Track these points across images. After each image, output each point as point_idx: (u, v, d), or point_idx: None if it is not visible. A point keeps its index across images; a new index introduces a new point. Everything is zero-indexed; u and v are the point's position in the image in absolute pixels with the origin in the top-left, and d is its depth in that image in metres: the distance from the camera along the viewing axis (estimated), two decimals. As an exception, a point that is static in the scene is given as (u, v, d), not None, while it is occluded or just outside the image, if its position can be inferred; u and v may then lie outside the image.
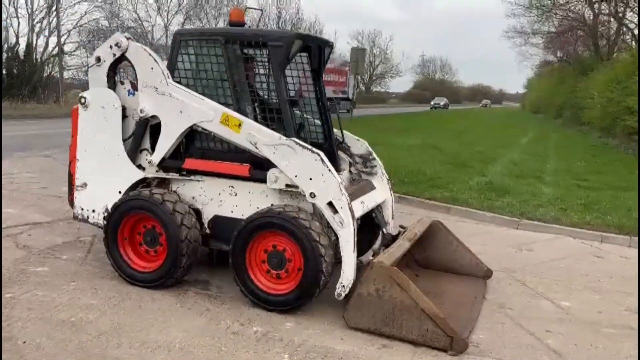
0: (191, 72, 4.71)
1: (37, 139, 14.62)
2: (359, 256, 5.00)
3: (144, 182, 4.84)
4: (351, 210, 4.18)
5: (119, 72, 5.16)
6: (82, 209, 5.05)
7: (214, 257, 5.17)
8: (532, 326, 4.35)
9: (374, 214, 5.09)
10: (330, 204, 4.19)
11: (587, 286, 5.37)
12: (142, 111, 4.69)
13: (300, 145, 4.26)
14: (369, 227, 5.19)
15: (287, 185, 4.32)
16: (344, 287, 4.18)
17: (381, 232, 5.07)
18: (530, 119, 44.84)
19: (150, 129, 4.79)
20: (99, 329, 3.85)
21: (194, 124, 4.53)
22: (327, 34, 55.94)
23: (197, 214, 4.69)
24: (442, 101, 71.57)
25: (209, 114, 4.47)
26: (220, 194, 4.64)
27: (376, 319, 3.97)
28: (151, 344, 3.69)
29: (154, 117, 4.70)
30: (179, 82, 4.68)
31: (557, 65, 47.17)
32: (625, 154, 18.31)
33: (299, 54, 4.98)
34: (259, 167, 4.46)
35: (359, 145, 5.45)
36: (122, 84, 4.88)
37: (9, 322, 3.88)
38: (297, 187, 4.30)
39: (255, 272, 4.36)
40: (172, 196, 4.60)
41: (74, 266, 5.08)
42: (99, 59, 4.88)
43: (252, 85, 4.68)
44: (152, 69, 4.69)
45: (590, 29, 34.42)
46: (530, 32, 39.29)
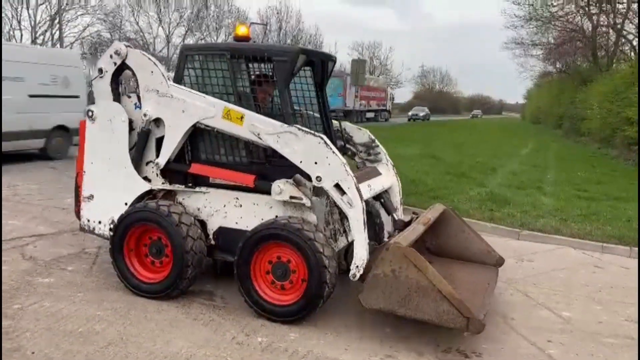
0: (197, 85, 4.79)
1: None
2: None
3: (150, 194, 4.91)
4: (358, 190, 4.23)
5: (122, 83, 5.25)
6: (88, 221, 5.12)
7: (218, 268, 5.22)
8: (534, 336, 4.39)
9: (382, 200, 5.14)
10: (337, 186, 4.24)
11: (587, 296, 5.42)
12: (145, 115, 4.77)
13: (302, 130, 4.33)
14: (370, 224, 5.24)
15: (291, 196, 4.39)
16: (357, 267, 4.22)
17: (392, 217, 5.11)
18: (530, 130, 44.95)
19: (159, 145, 4.86)
20: (106, 340, 3.91)
21: (197, 122, 4.60)
22: (328, 45, 56.28)
23: (203, 225, 4.76)
24: (421, 112, 60.95)
25: (210, 110, 4.55)
26: (225, 206, 4.71)
27: (392, 300, 3.98)
28: (158, 354, 3.74)
29: (157, 122, 4.78)
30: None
31: (556, 76, 47.39)
32: (625, 164, 18.38)
33: (303, 68, 5.08)
34: (263, 179, 4.53)
35: (360, 134, 5.52)
36: (129, 97, 4.97)
37: (17, 333, 3.94)
38: (301, 198, 4.37)
39: (259, 283, 4.41)
40: (177, 208, 4.67)
41: (80, 277, 5.13)
42: (101, 70, 4.98)
43: (257, 98, 4.75)
44: (152, 72, 4.79)
45: (589, 40, 34.62)
46: (529, 43, 39.52)
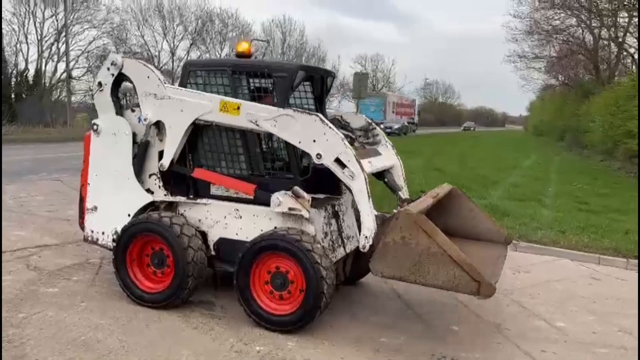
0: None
1: (46, 163, 14.89)
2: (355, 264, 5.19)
3: (152, 206, 5.03)
4: (358, 161, 4.30)
5: (124, 97, 5.39)
6: (92, 232, 5.23)
7: (218, 278, 5.32)
8: (528, 346, 4.46)
9: (386, 179, 5.19)
10: (337, 161, 4.32)
11: (583, 307, 5.49)
12: (145, 119, 4.89)
13: (297, 111, 4.46)
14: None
15: (290, 208, 4.49)
16: (366, 237, 4.26)
17: (397, 195, 5.18)
18: (533, 142, 45.02)
19: (160, 157, 4.98)
20: (108, 348, 4.00)
21: (196, 118, 4.71)
22: (331, 58, 56.69)
23: (203, 236, 4.86)
24: (396, 124, 47.78)
25: (207, 105, 4.66)
26: (225, 217, 4.81)
27: (402, 267, 4.01)
28: (158, 362, 3.84)
29: (160, 134, 4.90)
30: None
31: (559, 88, 47.53)
32: (627, 176, 18.43)
33: (303, 83, 5.22)
34: (263, 189, 4.64)
35: (357, 118, 5.60)
36: (133, 111, 5.10)
37: (22, 340, 4.04)
38: (299, 210, 4.47)
39: (258, 293, 4.50)
40: (179, 219, 4.78)
41: (83, 287, 5.24)
42: (100, 84, 5.12)
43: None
44: (148, 77, 4.93)
45: (590, 54, 34.80)
46: (531, 56, 39.71)
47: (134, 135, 5.03)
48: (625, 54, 33.50)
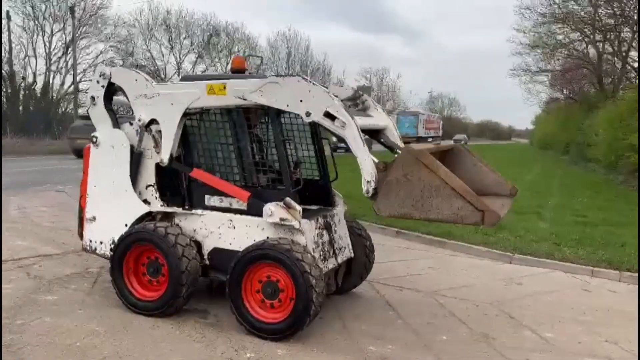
0: (196, 114, 5.07)
1: (51, 174, 15.11)
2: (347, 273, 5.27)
3: (149, 216, 5.17)
4: (347, 110, 4.38)
5: (120, 110, 5.56)
6: (90, 241, 5.38)
7: (213, 287, 5.44)
8: (513, 355, 4.54)
9: (382, 139, 5.21)
10: (326, 115, 4.40)
11: (571, 318, 5.56)
12: (139, 120, 5.05)
13: (280, 76, 4.58)
14: None
15: (282, 218, 4.63)
16: (368, 182, 4.28)
17: (396, 153, 5.10)
18: (537, 156, 45.00)
19: (157, 168, 5.13)
20: (103, 354, 4.13)
21: (187, 108, 4.86)
22: (336, 72, 57.01)
23: (198, 246, 4.99)
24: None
25: (195, 92, 4.83)
26: (219, 227, 4.94)
27: (405, 204, 4.03)
28: (150, 367, 3.95)
29: (152, 122, 5.04)
30: (185, 123, 5.05)
31: (563, 102, 47.62)
32: (629, 190, 18.43)
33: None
34: (257, 198, 4.77)
35: (343, 90, 5.60)
36: (131, 124, 5.26)
37: (20, 346, 4.17)
38: (291, 220, 4.60)
39: (250, 301, 4.62)
40: (174, 229, 4.92)
41: (82, 295, 5.37)
42: (93, 98, 5.32)
43: (251, 126, 5.03)
44: (136, 80, 5.11)
45: (594, 67, 34.90)
46: (535, 70, 39.87)
47: (132, 147, 5.18)
48: (629, 68, 33.59)
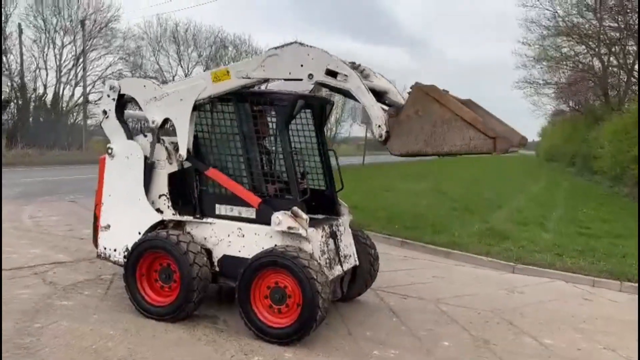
0: (207, 126, 5.28)
1: (61, 185, 15.36)
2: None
3: (161, 224, 5.36)
4: (346, 63, 4.51)
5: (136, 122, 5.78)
6: (104, 248, 5.57)
7: (222, 294, 5.61)
8: (513, 360, 4.70)
9: (386, 100, 5.20)
10: (328, 72, 4.53)
11: (571, 326, 5.70)
12: (153, 122, 5.26)
13: (277, 47, 4.74)
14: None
15: (289, 227, 4.81)
16: (379, 126, 4.35)
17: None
18: (543, 167, 45.06)
19: (169, 178, 5.33)
20: (117, 356, 4.30)
21: (196, 100, 5.06)
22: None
23: (208, 253, 5.17)
24: None
25: (201, 83, 5.05)
26: (229, 235, 5.13)
27: (419, 140, 4.09)
28: (163, 369, 4.13)
29: (165, 122, 5.24)
30: (196, 136, 5.26)
31: (569, 114, 47.70)
32: (634, 202, 18.48)
33: (303, 111, 5.59)
34: (268, 205, 4.94)
35: None
36: (145, 136, 5.47)
37: (38, 348, 4.35)
38: (298, 229, 4.78)
39: (258, 307, 4.79)
40: (186, 237, 5.10)
41: (95, 301, 5.56)
42: (105, 111, 5.53)
43: (260, 138, 5.23)
44: (144, 86, 5.36)
45: (599, 80, 35.02)
46: (541, 82, 40.01)
47: (146, 158, 5.39)
48: (634, 80, 33.69)
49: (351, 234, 5.74)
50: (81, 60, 32.72)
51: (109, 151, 5.50)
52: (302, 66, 4.62)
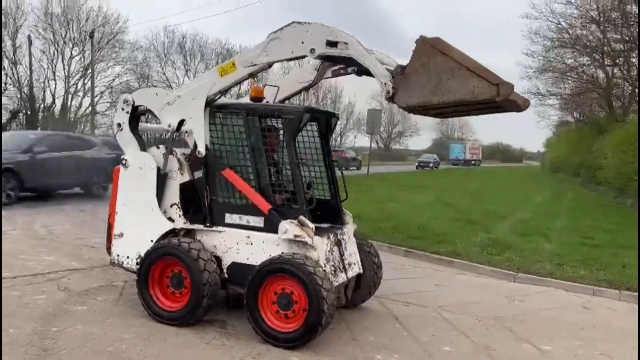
0: (217, 139, 5.50)
1: (71, 194, 15.61)
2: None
3: (173, 233, 5.57)
4: (343, 32, 4.69)
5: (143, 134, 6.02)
6: (118, 256, 5.78)
7: (230, 300, 5.81)
8: (512, 365, 4.86)
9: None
10: (328, 44, 4.72)
11: (570, 333, 5.86)
12: (169, 125, 5.48)
13: (277, 31, 4.96)
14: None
15: (296, 235, 5.01)
16: (385, 84, 4.52)
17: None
18: (548, 178, 45.13)
19: (182, 190, 5.54)
20: (131, 357, 4.50)
21: (207, 97, 5.29)
22: (347, 94, 57.78)
23: (218, 260, 5.37)
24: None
25: (210, 80, 5.31)
26: (238, 243, 5.33)
27: (424, 92, 4.23)
28: (175, 370, 4.32)
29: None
30: (206, 146, 5.48)
31: (574, 125, 47.81)
32: (637, 213, 18.57)
33: (310, 123, 5.81)
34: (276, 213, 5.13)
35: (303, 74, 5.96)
36: (158, 148, 5.71)
37: (56, 350, 4.56)
38: (304, 237, 4.98)
39: (266, 312, 4.98)
40: (196, 245, 5.31)
41: (109, 306, 5.76)
42: (119, 124, 5.77)
43: (268, 150, 5.44)
44: (156, 94, 5.64)
45: (604, 91, 35.18)
46: (545, 93, 40.15)
47: (158, 169, 5.61)
48: (637, 91, 33.79)
49: (355, 243, 5.93)
50: (89, 71, 33.17)
51: (123, 162, 5.73)
52: (302, 43, 4.84)
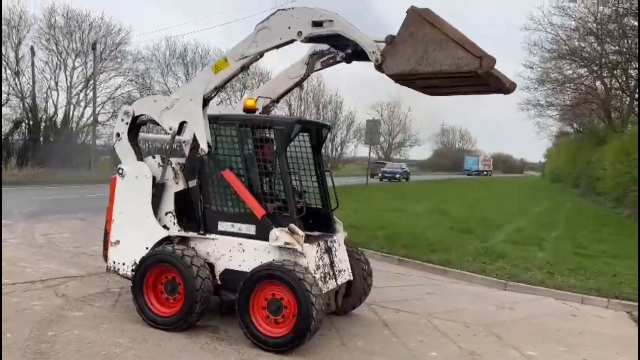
0: (212, 149, 5.65)
1: (71, 203, 15.81)
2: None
3: (167, 240, 5.72)
4: (326, 11, 4.87)
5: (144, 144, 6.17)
6: (114, 262, 5.93)
7: (223, 307, 5.94)
8: (496, 370, 4.98)
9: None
10: (314, 24, 4.90)
11: (555, 340, 5.97)
12: (170, 129, 5.62)
13: (263, 21, 5.14)
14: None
15: (286, 243, 5.16)
16: (373, 53, 4.68)
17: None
18: (548, 188, 45.22)
19: (177, 198, 5.69)
20: (125, 361, 4.64)
21: (204, 95, 5.44)
22: (347, 104, 58.03)
23: (211, 267, 5.51)
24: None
25: (204, 79, 5.49)
26: (230, 250, 5.47)
27: (411, 61, 4.39)
28: (167, 373, 4.45)
29: (182, 126, 5.59)
30: (200, 157, 5.64)
31: (573, 136, 47.97)
32: (634, 223, 18.64)
33: (302, 134, 5.98)
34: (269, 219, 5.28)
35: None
36: (154, 157, 5.87)
37: (52, 353, 4.70)
38: (294, 244, 5.13)
39: (257, 317, 5.12)
40: (190, 252, 5.45)
41: (105, 312, 5.90)
42: (118, 134, 5.94)
43: (260, 159, 5.60)
44: (155, 101, 5.83)
45: (602, 102, 35.36)
46: (544, 104, 40.33)
47: (154, 178, 5.77)
48: (636, 103, 33.97)
49: (346, 250, 6.07)
50: (91, 82, 33.42)
51: (120, 171, 5.89)
52: (289, 28, 5.03)
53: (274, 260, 5.22)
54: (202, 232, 5.62)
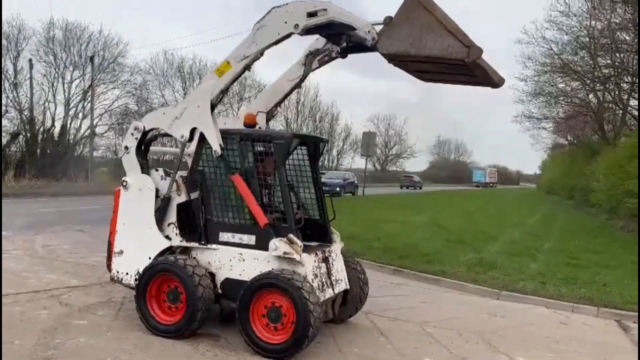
0: (212, 162, 5.87)
1: (69, 215, 15.95)
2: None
3: (170, 250, 5.90)
4: (321, 2, 5.05)
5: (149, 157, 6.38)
6: (117, 272, 6.10)
7: (223, 315, 6.12)
8: (487, 375, 5.17)
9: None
10: (309, 15, 5.09)
11: (545, 346, 6.17)
12: (182, 137, 5.79)
13: (260, 20, 5.33)
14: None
15: (285, 252, 5.35)
16: (368, 32, 4.91)
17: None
18: (542, 200, 45.56)
19: (179, 210, 5.88)
20: (130, 367, 4.81)
21: (211, 100, 5.64)
22: (344, 116, 58.49)
23: (212, 276, 5.69)
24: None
25: (209, 85, 5.68)
26: (231, 260, 5.66)
27: (404, 43, 4.61)
28: (170, 378, 4.62)
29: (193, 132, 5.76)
30: (202, 170, 5.85)
31: (567, 148, 48.40)
32: (628, 235, 18.87)
33: (299, 147, 6.20)
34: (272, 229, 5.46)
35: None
36: (157, 170, 6.07)
37: (59, 359, 4.86)
38: (292, 254, 5.32)
39: (257, 325, 5.29)
40: (192, 261, 5.64)
41: (108, 320, 6.07)
42: (126, 147, 6.13)
43: (259, 172, 5.80)
44: (163, 113, 6.04)
45: (595, 115, 35.77)
46: (538, 117, 40.73)
47: (157, 190, 5.96)
48: (629, 116, 34.40)
49: (342, 260, 6.27)
50: (89, 94, 33.67)
51: (124, 184, 6.08)
52: (286, 23, 5.25)
53: (273, 269, 5.41)
54: (203, 242, 5.80)
